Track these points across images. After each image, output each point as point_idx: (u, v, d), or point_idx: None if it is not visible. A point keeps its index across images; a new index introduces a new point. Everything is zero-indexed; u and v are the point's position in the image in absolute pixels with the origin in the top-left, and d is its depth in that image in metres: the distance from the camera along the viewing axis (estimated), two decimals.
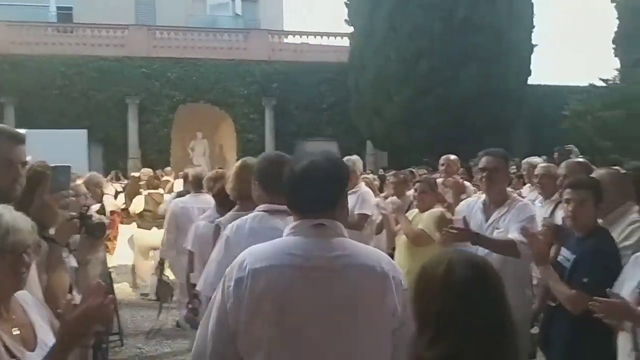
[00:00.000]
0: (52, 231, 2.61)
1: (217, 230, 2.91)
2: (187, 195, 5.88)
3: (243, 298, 1.74)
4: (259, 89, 19.54)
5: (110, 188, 13.04)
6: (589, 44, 62.47)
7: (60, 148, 11.19)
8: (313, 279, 1.74)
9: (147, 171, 10.14)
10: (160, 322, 6.88)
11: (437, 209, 4.45)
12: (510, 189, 4.42)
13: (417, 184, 4.62)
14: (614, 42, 20.15)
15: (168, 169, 11.66)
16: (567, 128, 14.77)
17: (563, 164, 4.10)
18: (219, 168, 12.49)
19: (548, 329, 3.20)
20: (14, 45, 17.91)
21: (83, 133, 17.78)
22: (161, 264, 7.02)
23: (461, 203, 4.08)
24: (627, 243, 3.09)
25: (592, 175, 3.41)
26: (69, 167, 2.64)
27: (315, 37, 21.16)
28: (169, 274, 7.07)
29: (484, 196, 3.77)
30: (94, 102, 18.21)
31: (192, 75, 19.14)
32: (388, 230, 4.89)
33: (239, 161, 3.15)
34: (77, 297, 2.66)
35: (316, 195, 1.82)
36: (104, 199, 8.12)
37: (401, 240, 4.59)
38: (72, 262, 2.94)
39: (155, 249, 7.74)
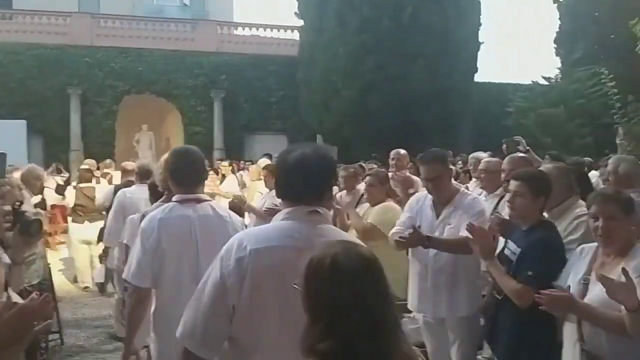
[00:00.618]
0: None
1: (142, 220, 3.03)
2: (133, 186, 5.85)
3: (245, 274, 1.85)
4: (207, 81, 19.22)
5: (51, 181, 12.58)
6: (533, 42, 64.43)
7: None
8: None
9: (91, 162, 10.02)
10: (103, 319, 6.67)
11: (387, 203, 4.45)
12: (457, 183, 4.45)
13: (367, 178, 4.61)
14: (555, 41, 20.75)
15: (108, 161, 11.36)
16: (511, 125, 15.14)
17: (506, 159, 4.16)
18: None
19: (494, 321, 3.23)
20: None
21: (21, 124, 17.09)
22: (105, 252, 6.88)
23: (411, 198, 4.09)
24: (572, 237, 3.16)
25: (540, 169, 3.47)
26: (4, 154, 2.51)
27: (265, 30, 20.96)
28: None
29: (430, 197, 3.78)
30: (33, 91, 17.43)
31: (137, 65, 18.63)
32: (340, 224, 4.86)
33: (167, 152, 3.18)
34: (14, 296, 2.52)
35: (311, 185, 1.97)
36: (44, 192, 8.04)
37: (352, 235, 4.57)
38: (6, 258, 2.77)
39: (88, 243, 7.89)
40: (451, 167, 3.77)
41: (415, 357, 1.56)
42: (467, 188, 4.90)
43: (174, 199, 2.88)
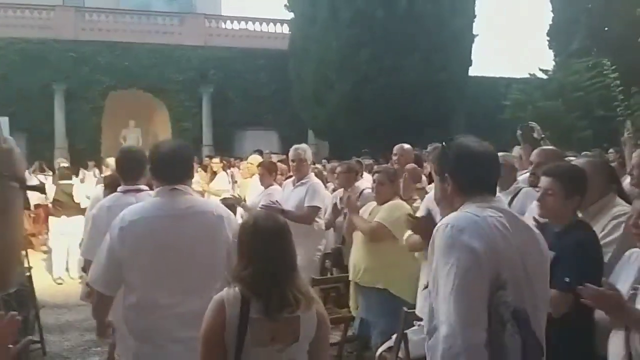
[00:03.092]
0: None
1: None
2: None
3: (126, 239, 2.65)
4: (196, 75, 18.80)
5: (34, 180, 12.21)
6: (525, 35, 64.34)
7: None
8: (173, 222, 2.69)
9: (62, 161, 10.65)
10: (88, 324, 6.29)
11: (395, 201, 4.11)
12: None
13: (376, 175, 4.26)
14: (548, 34, 20.53)
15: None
16: (507, 118, 14.85)
17: (536, 151, 3.83)
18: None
19: None
20: None
21: (4, 121, 16.51)
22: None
23: (427, 196, 3.74)
24: (609, 239, 2.86)
25: (572, 164, 3.14)
26: None
27: (254, 23, 20.56)
28: None
29: None
30: (16, 87, 16.89)
31: (123, 60, 18.17)
32: (347, 225, 4.52)
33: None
34: None
35: (172, 170, 2.79)
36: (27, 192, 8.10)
37: (358, 236, 4.24)
38: None
39: (66, 235, 8.41)
40: None
41: (309, 292, 2.27)
42: None
43: (118, 189, 3.53)
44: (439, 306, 1.92)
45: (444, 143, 2.16)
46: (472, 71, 18.17)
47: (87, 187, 8.77)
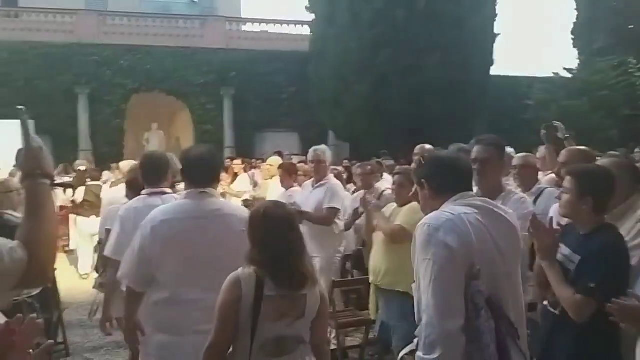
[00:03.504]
0: None
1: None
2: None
3: (157, 237, 2.81)
4: (217, 78, 18.86)
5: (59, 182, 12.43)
6: (549, 34, 63.50)
7: (2, 140, 10.43)
8: (201, 223, 2.84)
9: (82, 162, 11.22)
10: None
11: (416, 203, 4.04)
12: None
13: (396, 176, 4.21)
14: (572, 32, 20.25)
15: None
16: (531, 118, 14.65)
17: (564, 151, 3.74)
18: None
19: (549, 340, 2.83)
20: None
21: (30, 123, 16.80)
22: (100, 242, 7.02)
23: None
24: (636, 241, 2.75)
25: (597, 164, 3.06)
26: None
27: (274, 25, 20.59)
28: None
29: (476, 188, 3.37)
30: (40, 91, 17.11)
31: (145, 63, 18.30)
32: (367, 226, 4.46)
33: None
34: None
35: (201, 174, 2.95)
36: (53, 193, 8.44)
37: (378, 238, 4.20)
38: None
39: (93, 235, 8.35)
40: (504, 159, 3.30)
41: (313, 273, 2.51)
42: None
43: (143, 192, 3.69)
44: (421, 297, 2.14)
45: (421, 158, 2.54)
46: (494, 70, 17.98)
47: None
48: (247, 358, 2.37)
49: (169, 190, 3.75)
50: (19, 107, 1.81)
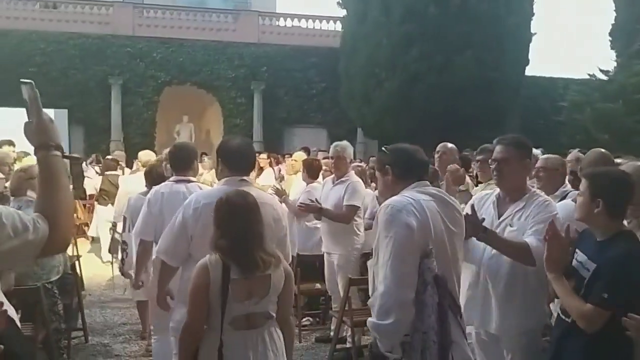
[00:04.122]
0: None
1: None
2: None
3: (199, 217, 3.04)
4: (248, 72, 18.95)
5: (91, 171, 12.73)
6: (585, 35, 62.09)
7: None
8: None
9: (120, 154, 10.93)
10: (131, 316, 6.42)
11: None
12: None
13: None
14: (610, 34, 19.74)
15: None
16: (564, 120, 14.35)
17: (588, 155, 3.63)
18: (203, 154, 12.17)
19: (559, 348, 2.74)
20: None
21: (63, 113, 17.15)
22: (114, 225, 7.56)
23: (474, 196, 3.59)
24: None
25: (620, 168, 2.94)
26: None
27: (307, 21, 20.56)
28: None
29: (498, 189, 3.28)
30: (75, 81, 17.49)
31: (178, 56, 18.51)
32: None
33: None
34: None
35: (241, 163, 3.22)
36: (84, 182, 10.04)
37: None
38: None
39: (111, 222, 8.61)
40: (527, 160, 3.17)
41: (276, 255, 2.74)
42: None
43: (170, 179, 4.02)
44: (378, 271, 2.36)
45: (383, 148, 2.72)
46: (530, 71, 17.65)
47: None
48: (219, 335, 2.63)
49: (194, 179, 4.03)
50: (26, 80, 1.81)
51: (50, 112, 1.98)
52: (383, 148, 2.74)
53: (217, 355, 2.63)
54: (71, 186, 1.91)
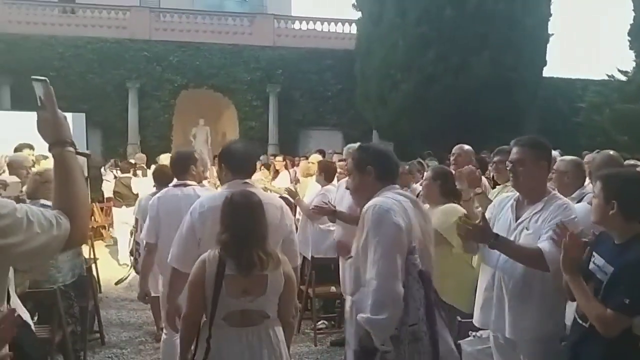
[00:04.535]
0: None
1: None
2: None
3: (205, 221, 3.15)
4: (263, 75, 19.01)
5: (110, 175, 12.93)
6: (603, 35, 61.38)
7: None
8: None
9: (141, 156, 11.29)
10: (147, 319, 6.44)
11: (450, 205, 3.93)
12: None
13: (427, 174, 4.09)
14: (629, 34, 19.46)
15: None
16: (582, 121, 14.16)
17: (588, 156, 3.56)
18: (215, 156, 12.23)
19: (577, 354, 2.68)
20: (11, 24, 17.44)
21: (81, 117, 17.30)
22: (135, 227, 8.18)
23: (495, 199, 3.54)
24: None
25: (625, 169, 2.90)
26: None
27: (322, 24, 20.57)
28: None
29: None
30: (93, 85, 17.69)
31: (195, 60, 18.62)
32: None
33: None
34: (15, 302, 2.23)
35: (244, 166, 3.34)
36: (102, 185, 10.79)
37: None
38: None
39: (127, 223, 8.92)
40: (544, 162, 3.08)
41: (276, 257, 2.79)
42: None
43: (170, 184, 4.28)
44: (367, 269, 2.44)
45: (360, 144, 2.86)
46: (547, 72, 17.47)
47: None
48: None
49: (192, 182, 4.22)
50: (39, 77, 1.84)
51: (68, 116, 2.02)
52: (359, 145, 2.90)
53: (205, 346, 2.74)
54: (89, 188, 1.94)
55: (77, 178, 1.78)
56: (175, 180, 4.28)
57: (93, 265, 6.12)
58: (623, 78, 15.98)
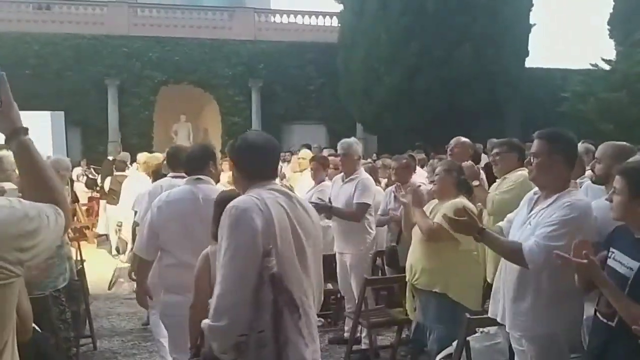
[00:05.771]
0: None
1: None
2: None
3: (162, 213, 3.56)
4: (245, 70, 18.78)
5: (83, 176, 12.97)
6: (584, 25, 61.87)
7: (34, 131, 10.52)
8: (198, 204, 3.49)
9: (125, 155, 10.97)
10: (138, 322, 6.28)
11: (458, 200, 3.85)
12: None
13: (438, 169, 4.00)
14: (609, 23, 19.64)
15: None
16: (564, 111, 14.20)
17: (600, 146, 3.47)
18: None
19: (604, 354, 2.60)
20: None
21: (59, 115, 16.98)
22: (119, 225, 8.98)
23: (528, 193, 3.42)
24: None
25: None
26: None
27: (303, 17, 20.40)
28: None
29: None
30: (71, 83, 17.24)
31: (174, 55, 18.31)
32: (406, 221, 4.24)
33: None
34: None
35: (196, 163, 3.70)
36: (74, 185, 11.22)
37: (416, 235, 4.00)
38: None
39: (120, 221, 9.30)
40: (558, 155, 2.96)
41: None
42: None
43: (168, 175, 4.63)
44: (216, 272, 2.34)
45: (237, 137, 2.58)
46: (529, 62, 17.52)
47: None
48: None
49: (186, 175, 4.15)
50: None
51: (46, 114, 1.88)
52: (237, 137, 2.63)
53: None
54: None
55: (44, 162, 1.72)
56: (172, 173, 4.52)
57: (81, 268, 5.92)
58: (607, 67, 16.08)
